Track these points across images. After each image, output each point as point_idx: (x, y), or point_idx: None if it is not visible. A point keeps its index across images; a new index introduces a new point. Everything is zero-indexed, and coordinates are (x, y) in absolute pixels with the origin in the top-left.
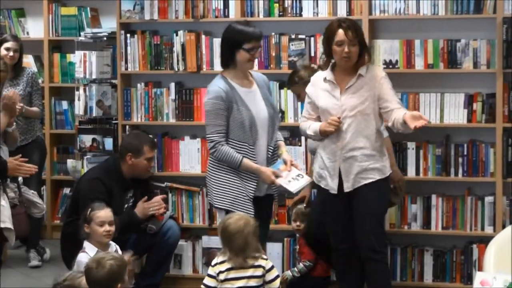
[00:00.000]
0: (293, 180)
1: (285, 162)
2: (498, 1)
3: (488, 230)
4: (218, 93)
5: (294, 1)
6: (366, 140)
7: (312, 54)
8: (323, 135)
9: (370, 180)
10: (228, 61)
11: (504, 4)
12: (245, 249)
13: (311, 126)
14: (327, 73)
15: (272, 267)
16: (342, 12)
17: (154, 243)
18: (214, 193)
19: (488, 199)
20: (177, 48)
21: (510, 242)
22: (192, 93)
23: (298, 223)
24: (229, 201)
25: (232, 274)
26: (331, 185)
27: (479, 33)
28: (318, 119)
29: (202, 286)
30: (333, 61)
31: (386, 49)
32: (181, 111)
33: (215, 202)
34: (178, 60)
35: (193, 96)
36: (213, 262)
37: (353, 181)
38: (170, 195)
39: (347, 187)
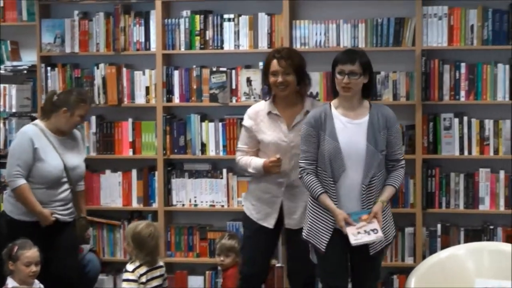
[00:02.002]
0: (364, 233)
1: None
2: (416, 34)
3: (409, 261)
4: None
5: (215, 34)
6: None
7: (234, 87)
8: (267, 173)
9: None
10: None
11: (422, 37)
12: (156, 250)
13: (252, 162)
14: (270, 106)
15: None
16: (263, 45)
17: None
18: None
19: (408, 230)
20: (98, 81)
21: (430, 273)
22: (113, 126)
23: (222, 258)
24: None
25: (150, 275)
26: (269, 219)
27: (398, 65)
28: (257, 152)
29: None
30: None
31: None
32: (102, 144)
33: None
34: (99, 93)
35: (114, 129)
36: (130, 268)
37: (298, 221)
38: (90, 229)
39: (289, 224)
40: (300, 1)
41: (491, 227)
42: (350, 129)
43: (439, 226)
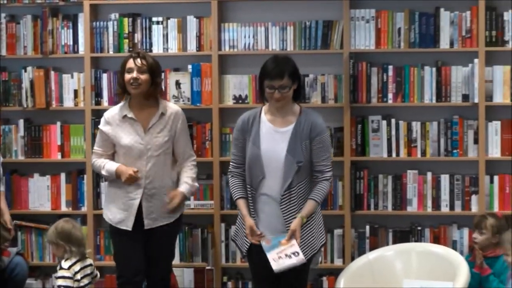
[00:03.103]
0: (285, 257)
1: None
2: (344, 37)
3: (338, 262)
4: None
5: (144, 37)
6: (169, 179)
7: (163, 90)
8: (119, 178)
9: (172, 220)
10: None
11: (350, 39)
12: (84, 240)
13: (106, 166)
14: (125, 110)
15: None
16: (191, 47)
17: (1, 280)
18: None
19: (337, 231)
20: (25, 84)
21: (359, 274)
22: (41, 130)
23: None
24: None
25: (82, 273)
26: (127, 221)
27: (327, 68)
28: (112, 155)
29: None
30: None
31: (235, 84)
32: (30, 148)
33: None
34: (26, 97)
35: (42, 132)
36: (65, 266)
37: (156, 220)
38: (19, 233)
39: (148, 225)
40: (228, 4)
41: (419, 228)
42: (273, 137)
43: (367, 227)
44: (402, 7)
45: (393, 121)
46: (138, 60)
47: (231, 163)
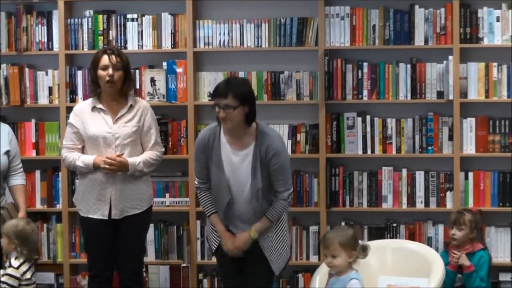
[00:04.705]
0: None
1: None
2: (319, 33)
3: (313, 259)
4: None
5: (119, 34)
6: None
7: (138, 87)
8: (97, 168)
9: (138, 211)
10: None
11: (325, 36)
12: (37, 246)
13: (81, 158)
14: (94, 102)
15: None
16: (166, 45)
17: None
18: None
19: (313, 228)
20: (0, 81)
21: None
22: (16, 127)
23: None
24: None
25: (31, 271)
26: (100, 212)
27: (302, 65)
28: (82, 149)
29: (4, 285)
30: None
31: (210, 81)
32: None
33: None
34: (1, 94)
35: (17, 130)
36: (15, 264)
37: (122, 209)
38: None
39: (115, 215)
40: (203, 1)
41: (394, 224)
42: (233, 160)
43: (343, 224)
44: (377, 4)
45: (368, 118)
46: (113, 57)
47: (196, 179)
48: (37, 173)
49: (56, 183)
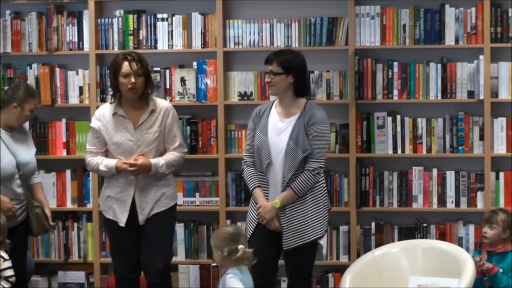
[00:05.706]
0: None
1: None
2: (349, 33)
3: (343, 259)
4: None
5: (149, 34)
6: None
7: (168, 86)
8: (119, 172)
9: (162, 209)
10: None
11: (355, 36)
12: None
13: (104, 162)
14: (115, 108)
15: None
16: (197, 44)
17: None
18: None
19: (343, 228)
20: (31, 81)
21: (364, 271)
22: (46, 127)
23: None
24: None
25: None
26: (121, 217)
27: (332, 64)
28: (106, 153)
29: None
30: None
31: (240, 81)
32: (35, 144)
33: None
34: None
35: (47, 129)
36: (6, 257)
37: (147, 214)
38: None
39: (142, 220)
40: (233, 1)
41: (425, 224)
42: (279, 126)
43: (373, 224)
44: (407, 4)
45: (398, 117)
46: (134, 64)
47: (245, 153)
48: (68, 173)
49: (87, 182)
